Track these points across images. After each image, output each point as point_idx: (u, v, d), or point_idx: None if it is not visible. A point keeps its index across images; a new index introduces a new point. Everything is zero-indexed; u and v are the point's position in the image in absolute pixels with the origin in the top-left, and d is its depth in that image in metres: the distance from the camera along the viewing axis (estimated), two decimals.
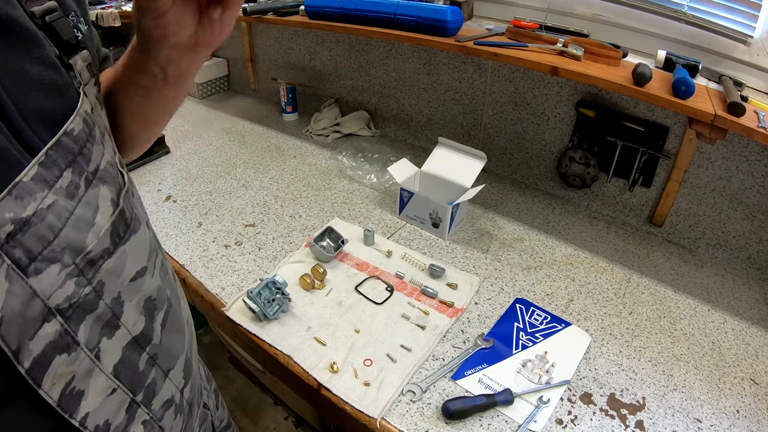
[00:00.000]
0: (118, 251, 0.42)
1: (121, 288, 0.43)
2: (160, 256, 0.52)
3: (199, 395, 0.67)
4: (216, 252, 1.20)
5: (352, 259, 1.17)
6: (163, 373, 0.50)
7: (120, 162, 0.47)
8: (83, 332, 0.39)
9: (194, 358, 0.61)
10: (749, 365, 0.96)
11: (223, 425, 0.83)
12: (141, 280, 0.46)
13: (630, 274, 1.18)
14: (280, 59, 2.04)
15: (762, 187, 1.15)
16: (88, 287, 0.39)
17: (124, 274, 0.43)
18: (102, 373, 0.41)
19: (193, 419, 0.60)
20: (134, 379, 0.45)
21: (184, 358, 0.54)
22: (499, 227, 1.33)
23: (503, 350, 0.95)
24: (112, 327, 0.42)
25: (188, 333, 0.58)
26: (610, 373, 0.92)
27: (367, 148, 1.69)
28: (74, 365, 0.38)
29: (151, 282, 0.48)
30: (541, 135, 1.46)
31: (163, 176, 1.54)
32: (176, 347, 0.53)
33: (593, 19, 1.34)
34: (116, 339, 0.43)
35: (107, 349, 0.41)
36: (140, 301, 0.46)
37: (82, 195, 0.38)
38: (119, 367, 0.43)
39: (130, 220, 0.45)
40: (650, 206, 1.35)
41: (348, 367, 0.91)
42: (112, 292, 0.42)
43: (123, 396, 0.44)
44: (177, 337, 0.53)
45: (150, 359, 0.47)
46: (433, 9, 1.23)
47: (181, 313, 0.56)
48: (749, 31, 1.15)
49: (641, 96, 1.00)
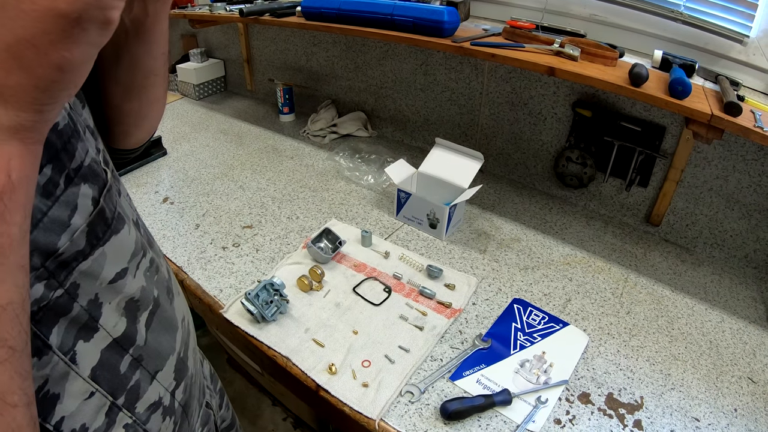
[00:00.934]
0: (95, 253, 0.40)
1: (99, 290, 0.42)
2: (149, 255, 0.51)
3: (201, 395, 0.66)
4: (213, 254, 1.20)
5: (349, 261, 1.17)
6: (149, 374, 0.49)
7: (105, 159, 0.45)
8: (56, 335, 0.38)
9: (191, 358, 0.59)
10: (747, 364, 0.96)
11: (226, 425, 0.83)
12: (121, 282, 0.44)
13: (627, 274, 1.18)
14: (276, 60, 2.04)
15: (759, 186, 1.15)
16: (59, 290, 0.37)
17: (102, 276, 0.42)
18: (78, 376, 0.40)
19: (189, 420, 0.59)
20: (114, 381, 0.44)
21: (175, 358, 0.53)
22: (496, 227, 1.33)
23: (501, 351, 0.95)
24: (89, 329, 0.41)
25: (182, 332, 0.57)
26: (608, 372, 0.92)
27: (364, 148, 1.69)
28: (46, 369, 0.37)
29: (133, 283, 0.46)
30: (538, 135, 1.46)
31: (161, 178, 1.54)
32: (165, 348, 0.52)
33: (590, 19, 1.34)
34: (94, 341, 0.42)
35: (84, 352, 0.40)
36: (121, 302, 0.45)
37: (59, 194, 0.37)
38: (97, 369, 0.42)
39: (111, 220, 0.43)
40: (647, 206, 1.35)
41: (346, 368, 0.91)
42: (88, 294, 0.40)
43: (102, 399, 0.43)
44: (166, 337, 0.52)
45: (134, 361, 0.46)
46: (429, 10, 1.23)
47: (172, 313, 0.55)
48: (745, 30, 1.15)
49: (638, 96, 1.00)
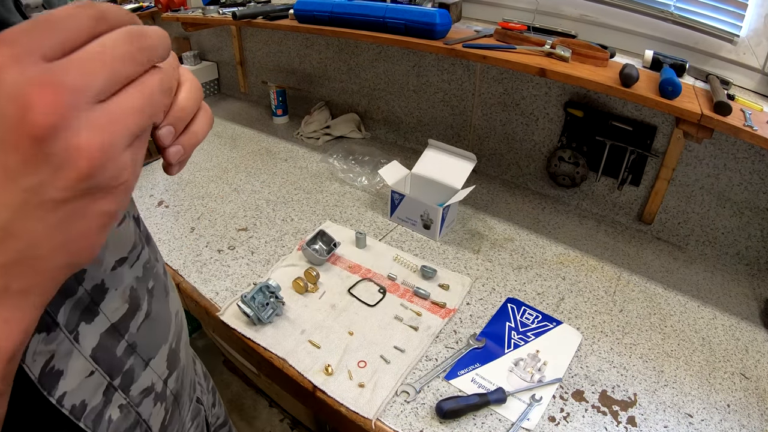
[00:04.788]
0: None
1: (104, 276, 0.44)
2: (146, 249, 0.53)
3: (191, 389, 0.67)
4: (209, 257, 1.20)
5: (344, 262, 1.18)
6: (143, 361, 0.50)
7: None
8: (62, 315, 0.39)
9: (182, 351, 0.61)
10: (739, 360, 0.97)
11: (219, 423, 0.83)
12: (120, 270, 0.46)
13: (620, 272, 1.19)
14: (269, 62, 2.04)
15: (749, 184, 1.16)
16: None
17: (105, 263, 0.44)
18: (81, 355, 0.42)
19: (180, 410, 0.61)
20: (112, 364, 0.46)
21: (167, 349, 0.55)
22: (489, 228, 1.34)
23: (495, 350, 0.96)
24: (90, 313, 0.43)
25: (175, 325, 0.59)
26: (601, 370, 0.93)
27: (358, 150, 1.69)
28: (53, 344, 0.39)
29: (130, 273, 0.48)
30: (531, 135, 1.47)
31: (155, 181, 1.54)
32: (158, 338, 0.54)
33: (581, 19, 1.35)
34: (94, 324, 0.43)
35: (85, 333, 0.42)
36: (125, 290, 0.47)
37: None
38: (97, 351, 0.44)
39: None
40: (639, 204, 1.36)
41: (342, 369, 0.91)
42: (94, 279, 0.42)
43: (100, 379, 0.44)
44: (160, 328, 0.54)
45: (129, 347, 0.48)
46: (421, 12, 1.23)
47: (167, 306, 0.57)
48: (736, 30, 1.17)
49: (628, 97, 1.01)
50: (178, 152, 0.40)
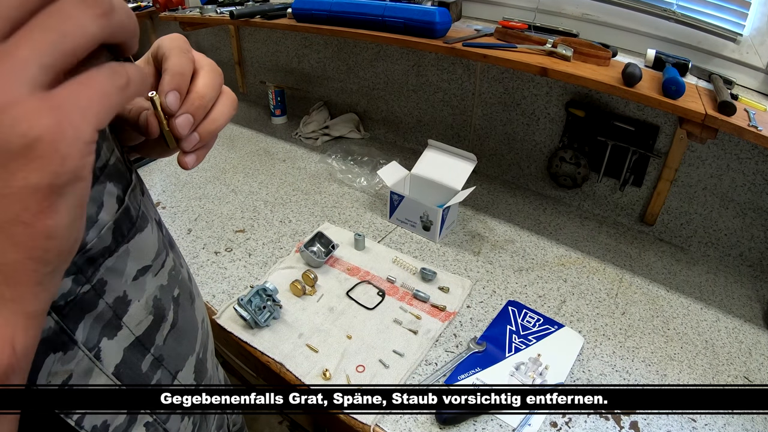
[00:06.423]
0: (119, 250, 0.41)
1: (126, 287, 0.42)
2: (171, 255, 0.51)
3: None
4: (206, 259, 1.18)
5: (342, 264, 1.16)
6: (170, 374, 0.49)
7: (127, 159, 0.46)
8: (81, 331, 0.37)
9: (209, 360, 0.60)
10: (743, 363, 0.96)
11: (237, 428, 0.82)
12: (142, 279, 0.44)
13: (622, 274, 1.18)
14: (268, 62, 2.03)
15: (753, 184, 1.15)
16: (86, 285, 0.37)
17: (126, 273, 0.42)
18: (102, 373, 0.40)
19: (207, 423, 0.59)
20: (137, 380, 0.44)
21: (194, 359, 0.53)
22: (490, 229, 1.32)
23: (496, 353, 0.94)
24: (113, 327, 0.41)
25: (201, 334, 0.57)
26: (603, 374, 0.92)
27: (357, 150, 1.68)
28: (71, 364, 0.37)
29: (153, 282, 0.46)
30: (531, 135, 1.45)
31: (152, 182, 1.53)
32: (185, 348, 0.52)
33: (582, 18, 1.34)
34: (117, 339, 0.41)
35: (108, 349, 0.40)
36: (148, 300, 0.45)
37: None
38: (121, 367, 0.42)
39: (136, 218, 0.43)
40: (641, 205, 1.35)
41: (340, 373, 0.90)
42: (115, 291, 0.40)
43: None
44: (187, 337, 0.52)
45: (155, 360, 0.46)
46: (421, 10, 1.22)
47: (193, 314, 0.55)
48: (738, 29, 1.15)
49: (631, 96, 1.00)
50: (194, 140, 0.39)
